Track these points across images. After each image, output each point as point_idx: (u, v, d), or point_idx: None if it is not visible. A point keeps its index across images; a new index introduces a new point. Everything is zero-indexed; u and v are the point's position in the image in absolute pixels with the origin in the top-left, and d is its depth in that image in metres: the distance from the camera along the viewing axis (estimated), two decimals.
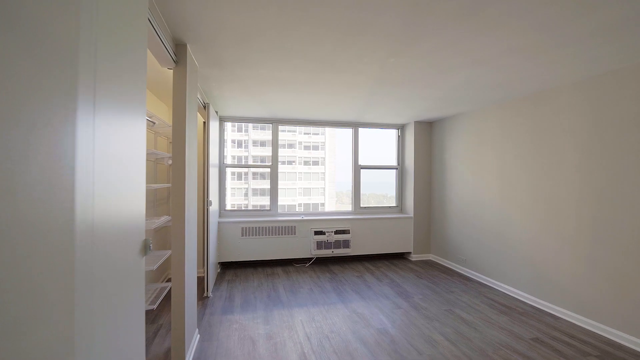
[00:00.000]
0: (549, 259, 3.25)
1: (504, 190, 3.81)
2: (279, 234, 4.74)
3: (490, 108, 4.01)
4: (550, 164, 3.24)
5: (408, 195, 5.34)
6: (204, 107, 3.56)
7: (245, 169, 22.22)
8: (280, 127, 5.13)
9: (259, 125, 5.20)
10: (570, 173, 3.05)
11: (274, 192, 5.10)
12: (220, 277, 4.25)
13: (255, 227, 4.66)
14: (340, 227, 4.94)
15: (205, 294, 3.59)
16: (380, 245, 5.10)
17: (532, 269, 3.43)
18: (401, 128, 5.54)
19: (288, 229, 4.77)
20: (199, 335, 2.69)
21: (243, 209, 4.93)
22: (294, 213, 5.15)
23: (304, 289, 3.85)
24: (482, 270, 4.12)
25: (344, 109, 4.31)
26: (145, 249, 1.22)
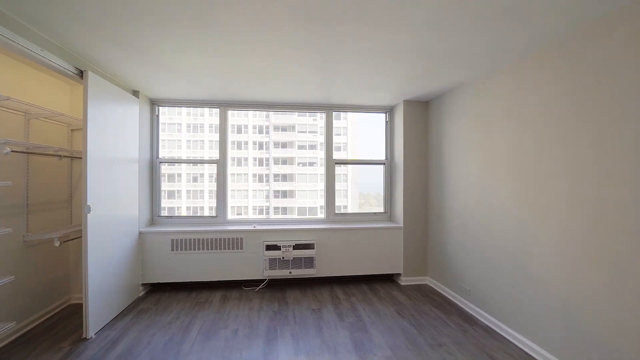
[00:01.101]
0: (594, 306, 1.92)
1: (522, 193, 2.49)
2: (221, 248, 3.65)
3: (503, 71, 2.70)
4: (601, 155, 1.92)
5: (398, 199, 4.07)
6: (81, 74, 2.54)
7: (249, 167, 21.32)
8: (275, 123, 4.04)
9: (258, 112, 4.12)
10: (636, 168, 1.73)
11: (220, 193, 4.01)
12: (133, 305, 3.22)
13: (190, 239, 3.60)
14: (302, 239, 3.76)
15: (83, 335, 2.56)
16: (359, 265, 3.86)
17: (566, 318, 2.10)
18: (390, 111, 4.28)
19: (233, 242, 3.67)
20: None
21: (183, 215, 3.88)
22: (244, 221, 4.04)
23: (227, 330, 2.72)
24: (492, 309, 2.80)
25: (300, 84, 3.17)
26: None
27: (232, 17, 1.96)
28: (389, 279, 4.10)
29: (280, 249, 3.67)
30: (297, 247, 3.70)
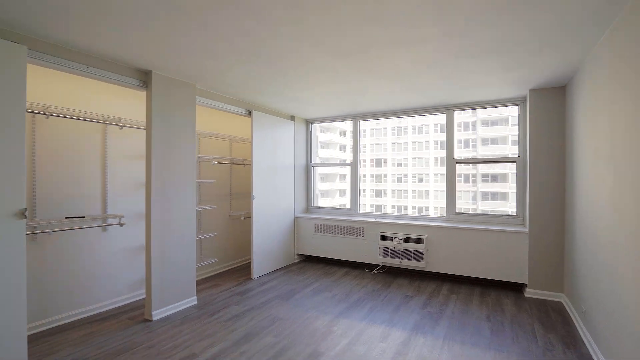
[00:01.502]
0: None
1: None
2: (347, 234, 4.54)
3: None
4: None
5: (527, 200, 3.65)
6: (249, 113, 4.09)
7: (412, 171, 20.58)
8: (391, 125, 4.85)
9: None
10: None
11: (354, 190, 4.89)
12: (286, 267, 4.63)
13: (326, 225, 4.69)
14: (413, 234, 4.08)
15: (251, 276, 4.11)
16: (473, 267, 3.79)
17: None
18: (522, 103, 3.85)
19: (357, 230, 4.47)
20: (196, 301, 3.26)
21: (332, 206, 5.06)
22: (369, 214, 4.71)
23: (329, 293, 3.60)
24: (604, 341, 2.33)
25: (424, 86, 3.42)
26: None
27: (362, 62, 2.83)
28: (512, 287, 3.74)
29: (392, 240, 4.16)
30: (407, 240, 4.08)
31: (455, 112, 4.21)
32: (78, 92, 2.95)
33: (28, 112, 2.56)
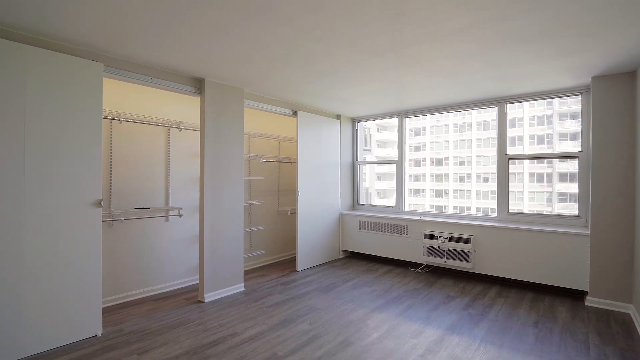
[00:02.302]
0: None
1: None
2: (392, 232, 4.52)
3: None
4: None
5: (590, 199, 3.31)
6: (295, 113, 4.30)
7: (421, 168, 18.96)
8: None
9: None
10: None
11: (399, 188, 4.84)
12: (331, 262, 4.76)
13: (370, 222, 4.72)
14: (458, 233, 3.93)
15: (296, 268, 4.33)
16: (524, 269, 3.54)
17: None
18: (586, 92, 3.49)
19: (401, 228, 4.44)
20: (243, 288, 3.56)
21: (375, 204, 5.10)
22: (414, 212, 4.61)
23: (369, 288, 3.65)
24: None
25: (468, 79, 3.27)
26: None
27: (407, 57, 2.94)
28: (570, 295, 3.42)
29: (436, 239, 4.06)
30: (452, 239, 3.95)
31: (508, 106, 3.96)
32: (145, 100, 3.41)
33: (105, 118, 3.03)
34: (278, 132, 4.88)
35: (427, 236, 4.15)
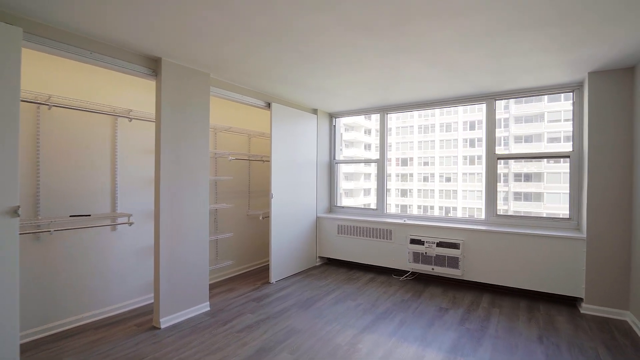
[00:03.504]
0: None
1: None
2: (373, 237, 4.17)
3: None
4: None
5: (583, 201, 3.16)
6: (268, 105, 3.81)
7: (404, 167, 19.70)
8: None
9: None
10: None
11: (380, 190, 4.51)
12: (307, 270, 4.33)
13: (350, 226, 4.35)
14: (447, 238, 3.66)
15: (269, 280, 3.84)
16: (517, 276, 3.33)
17: None
18: (578, 89, 3.34)
19: (383, 233, 4.10)
20: (209, 307, 3.02)
21: (356, 206, 4.72)
22: (397, 215, 4.31)
23: (354, 302, 3.26)
24: None
25: (466, 69, 2.95)
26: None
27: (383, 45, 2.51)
28: (565, 302, 3.25)
29: (423, 244, 3.76)
30: (440, 244, 3.67)
31: (497, 102, 3.74)
32: (85, 81, 2.77)
33: (29, 102, 2.39)
34: (249, 126, 4.36)
35: (413, 241, 3.84)
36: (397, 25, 2.12)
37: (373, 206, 4.61)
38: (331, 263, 4.68)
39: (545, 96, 3.56)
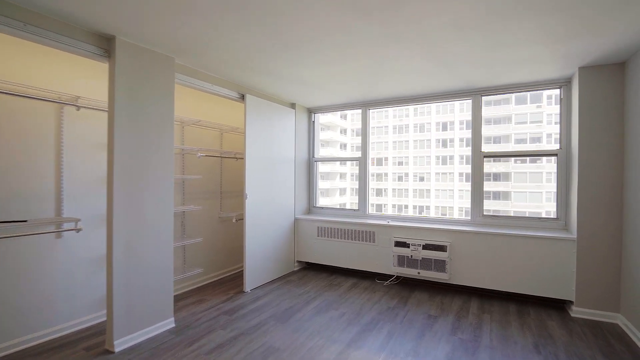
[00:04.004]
0: None
1: None
2: (355, 239, 3.93)
3: None
4: None
5: (572, 200, 3.06)
6: (242, 97, 3.48)
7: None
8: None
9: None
10: None
11: (362, 189, 4.28)
12: (286, 276, 4.02)
13: (331, 228, 4.08)
14: (433, 240, 3.48)
15: (243, 289, 3.50)
16: (507, 280, 3.19)
17: None
18: (566, 85, 3.25)
19: (366, 235, 3.87)
20: (174, 324, 2.65)
21: (337, 207, 4.46)
22: (380, 216, 4.10)
23: (336, 311, 2.99)
24: None
25: (457, 59, 2.78)
26: None
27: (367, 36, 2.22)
28: (554, 305, 3.15)
29: (408, 247, 3.56)
30: (427, 247, 3.48)
31: (483, 98, 3.60)
32: (22, 61, 2.33)
33: None
34: (221, 120, 3.99)
35: (398, 244, 3.63)
36: (390, 8, 1.88)
37: (348, 206, 4.37)
38: (310, 268, 4.40)
39: (514, 99, 3.45)
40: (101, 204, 2.76)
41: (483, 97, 3.59)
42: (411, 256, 3.54)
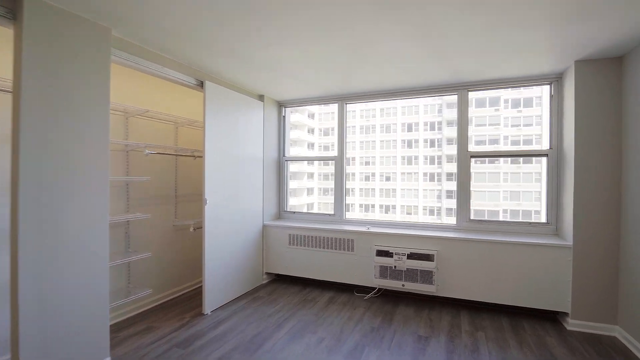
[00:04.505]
0: None
1: None
2: (333, 248, 3.52)
3: None
4: None
5: (567, 206, 2.85)
6: (201, 85, 2.94)
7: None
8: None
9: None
10: None
11: (338, 191, 3.88)
12: (253, 291, 3.52)
13: (304, 236, 3.64)
14: (419, 248, 3.15)
15: (202, 311, 2.96)
16: (496, 290, 2.92)
17: None
18: (557, 81, 3.04)
19: (344, 243, 3.47)
20: None
21: (309, 211, 4.01)
22: (360, 221, 3.73)
23: (314, 336, 2.56)
24: None
25: (449, 47, 2.48)
26: None
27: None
28: (547, 317, 2.93)
29: (392, 257, 3.20)
30: (412, 256, 3.14)
31: (470, 94, 3.33)
32: None
33: None
34: (176, 111, 3.41)
35: (380, 253, 3.26)
36: None
37: (317, 207, 3.97)
38: (281, 280, 3.93)
39: (473, 101, 3.20)
40: (3, 215, 2.12)
41: (470, 93, 3.32)
42: (395, 267, 3.19)
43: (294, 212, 4.10)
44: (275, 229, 3.79)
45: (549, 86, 3.09)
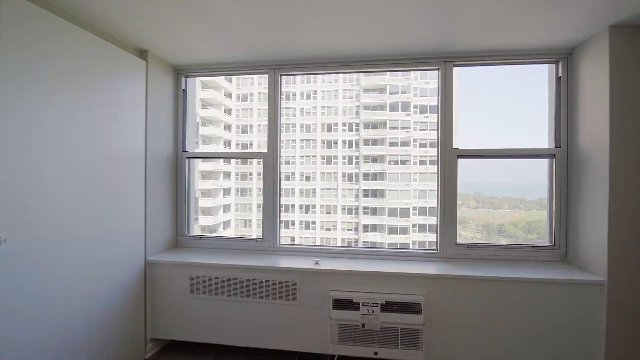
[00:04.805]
0: None
1: None
2: (263, 297, 2.24)
3: None
4: None
5: (586, 222, 2.08)
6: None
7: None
8: None
9: None
10: None
11: (269, 204, 2.60)
12: None
13: (215, 277, 2.28)
14: (398, 293, 2.09)
15: None
16: (508, 352, 2.02)
17: None
18: (566, 59, 2.29)
19: (281, 287, 2.22)
20: None
21: (228, 236, 2.63)
22: (303, 250, 2.54)
23: None
24: None
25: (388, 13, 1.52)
26: None
27: None
28: None
29: (358, 309, 2.07)
30: (388, 306, 2.06)
31: (458, 69, 2.41)
32: None
33: None
34: None
35: (339, 304, 2.10)
36: None
37: (233, 224, 2.69)
38: (179, 348, 2.48)
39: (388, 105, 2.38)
40: None
41: (455, 68, 2.39)
42: (363, 325, 2.06)
43: (201, 237, 2.69)
44: (168, 268, 2.34)
45: (552, 66, 2.33)
